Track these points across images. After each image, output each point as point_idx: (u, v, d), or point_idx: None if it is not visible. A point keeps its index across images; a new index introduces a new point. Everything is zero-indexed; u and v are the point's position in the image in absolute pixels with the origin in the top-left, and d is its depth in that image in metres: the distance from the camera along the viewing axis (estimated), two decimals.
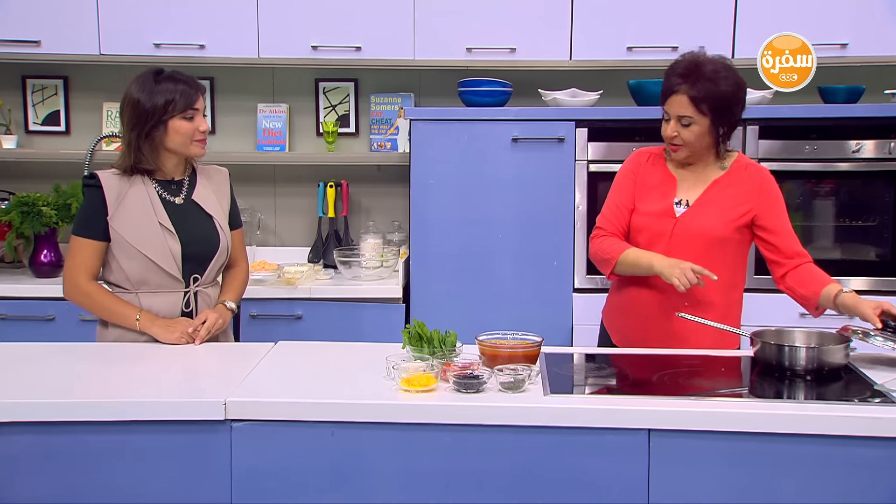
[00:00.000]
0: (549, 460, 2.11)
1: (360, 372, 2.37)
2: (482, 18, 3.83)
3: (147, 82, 2.63)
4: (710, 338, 2.70)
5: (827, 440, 2.05)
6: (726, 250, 2.73)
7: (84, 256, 2.66)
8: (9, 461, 2.13)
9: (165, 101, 2.60)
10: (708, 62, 2.63)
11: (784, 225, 2.74)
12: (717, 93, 2.59)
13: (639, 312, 2.80)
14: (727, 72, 2.62)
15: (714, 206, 2.73)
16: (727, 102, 2.61)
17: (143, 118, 2.61)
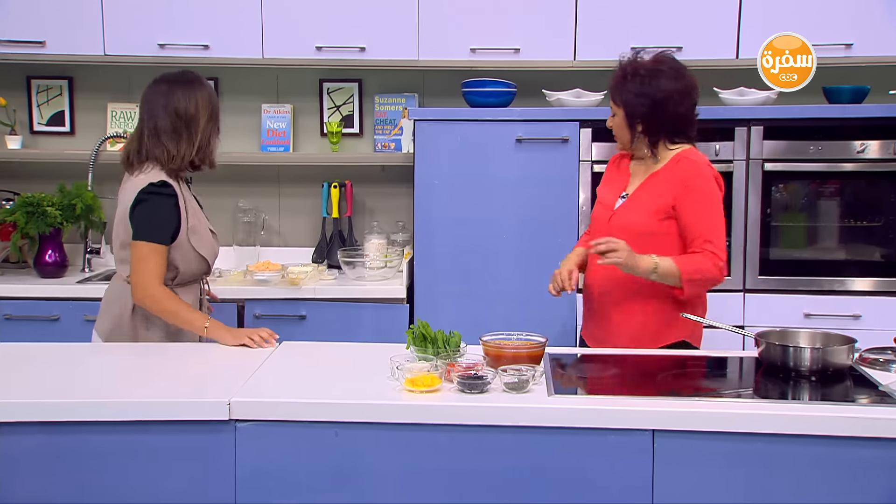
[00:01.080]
0: (554, 461, 2.11)
1: (364, 372, 2.37)
2: (486, 19, 3.82)
3: (202, 79, 2.79)
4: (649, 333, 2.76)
5: (832, 441, 2.05)
6: (655, 243, 2.72)
7: (157, 262, 2.69)
8: (13, 461, 2.13)
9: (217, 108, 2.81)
10: (645, 62, 2.77)
11: (693, 215, 2.72)
12: (626, 88, 2.75)
13: (587, 306, 2.96)
14: (650, 74, 2.73)
15: (643, 199, 2.79)
16: (635, 98, 2.73)
17: (216, 119, 2.79)
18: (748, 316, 3.65)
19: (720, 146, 3.63)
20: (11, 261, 3.99)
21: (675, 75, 2.76)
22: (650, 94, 2.73)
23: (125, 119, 4.22)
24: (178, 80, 2.77)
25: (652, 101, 2.73)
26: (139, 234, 2.70)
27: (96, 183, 4.04)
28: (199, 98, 2.74)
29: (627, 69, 2.78)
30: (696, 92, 2.82)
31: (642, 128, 2.78)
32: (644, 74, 2.74)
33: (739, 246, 3.66)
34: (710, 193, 2.75)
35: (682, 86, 2.76)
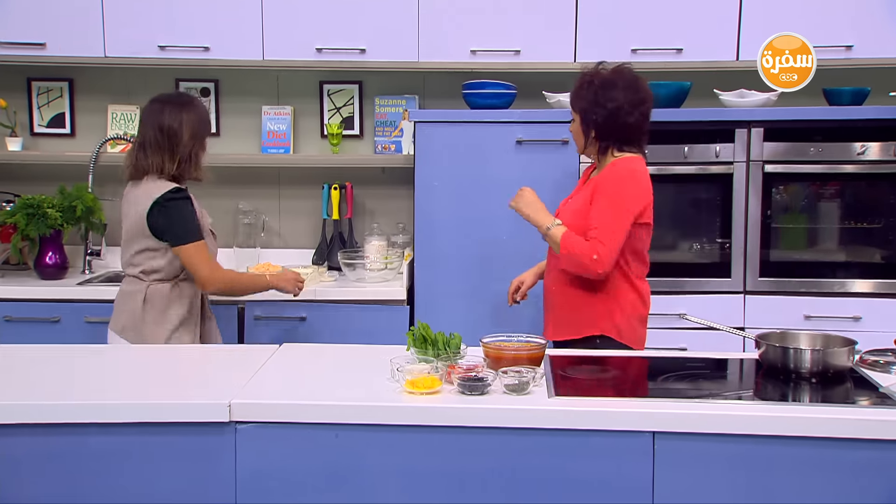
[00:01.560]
0: (554, 463, 2.11)
1: (364, 374, 2.37)
2: (486, 20, 3.83)
3: (195, 102, 3.06)
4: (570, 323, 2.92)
5: (832, 443, 2.05)
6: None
7: (206, 254, 2.96)
8: (14, 462, 2.13)
9: (209, 119, 3.13)
10: (603, 73, 2.92)
11: (595, 210, 2.83)
12: (582, 97, 2.93)
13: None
14: (604, 85, 2.88)
15: (575, 203, 2.98)
16: (589, 106, 2.89)
17: (205, 132, 3.05)
18: (748, 318, 3.65)
19: (720, 148, 3.64)
20: (12, 262, 3.99)
21: (629, 87, 2.89)
22: (603, 103, 2.87)
23: (125, 121, 4.22)
24: (170, 100, 3.04)
25: (605, 111, 2.88)
26: (180, 239, 2.91)
27: (97, 184, 4.04)
28: (185, 117, 2.97)
29: (585, 79, 2.94)
30: (648, 104, 2.94)
31: (595, 134, 2.93)
32: (599, 85, 2.89)
33: (740, 247, 3.66)
34: (617, 194, 2.83)
35: (635, 97, 2.89)
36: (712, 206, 3.72)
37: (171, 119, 2.96)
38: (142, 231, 2.93)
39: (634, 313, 2.92)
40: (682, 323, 2.87)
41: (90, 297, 3.63)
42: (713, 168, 3.66)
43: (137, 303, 2.94)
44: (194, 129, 2.99)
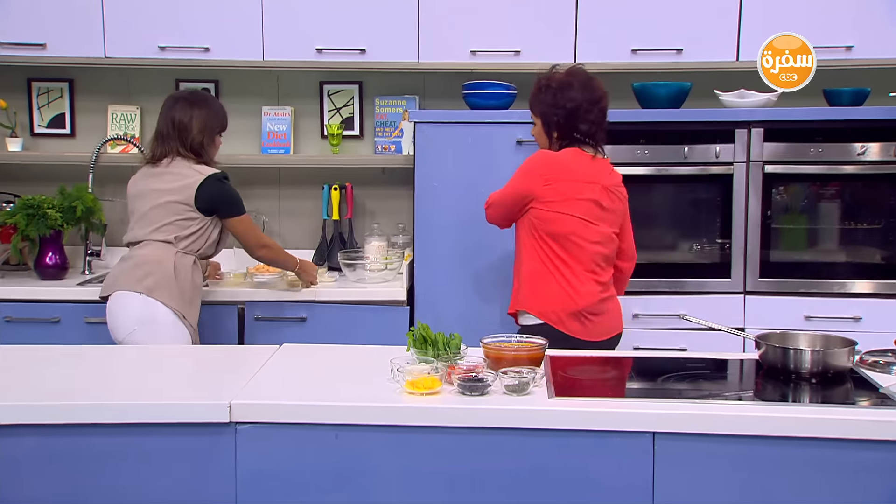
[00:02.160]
0: (554, 463, 2.11)
1: (364, 374, 2.37)
2: (486, 21, 3.83)
3: (214, 99, 3.45)
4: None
5: (832, 443, 2.05)
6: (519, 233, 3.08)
7: (255, 225, 3.39)
8: (14, 463, 2.13)
9: (224, 117, 3.37)
10: (557, 76, 3.06)
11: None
12: (540, 100, 3.05)
13: None
14: (560, 87, 3.02)
15: None
16: (546, 109, 3.03)
17: (216, 126, 3.32)
18: (748, 318, 3.65)
19: (720, 148, 3.64)
20: (12, 263, 3.99)
21: (585, 86, 3.02)
22: (562, 104, 2.99)
23: (126, 121, 4.22)
24: (183, 96, 3.33)
25: (565, 111, 2.99)
26: (235, 211, 3.28)
27: (97, 185, 4.04)
28: (195, 113, 3.25)
29: (542, 83, 3.06)
30: (605, 101, 3.05)
31: (557, 135, 3.05)
32: (556, 87, 3.01)
33: (740, 248, 3.66)
34: (511, 180, 3.07)
35: (592, 96, 3.01)
36: (712, 206, 3.72)
37: (182, 114, 3.25)
38: (184, 202, 3.18)
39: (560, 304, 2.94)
40: (682, 323, 2.87)
41: (90, 297, 3.62)
42: (713, 168, 3.66)
43: (168, 267, 3.14)
44: (203, 124, 3.26)
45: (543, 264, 2.97)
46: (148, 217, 3.21)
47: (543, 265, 2.97)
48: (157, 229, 3.19)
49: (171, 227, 3.19)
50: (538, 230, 2.97)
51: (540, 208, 2.96)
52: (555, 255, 2.96)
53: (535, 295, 2.98)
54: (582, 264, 2.96)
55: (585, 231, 2.96)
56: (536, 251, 2.98)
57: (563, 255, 2.96)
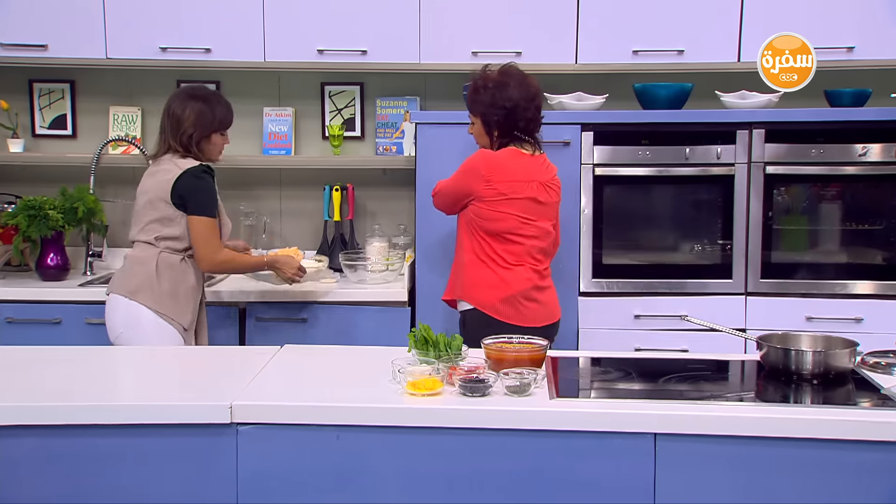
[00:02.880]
0: (555, 464, 2.11)
1: (365, 375, 2.37)
2: (488, 22, 3.83)
3: (211, 97, 3.23)
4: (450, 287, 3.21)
5: (834, 444, 2.05)
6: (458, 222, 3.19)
7: (216, 233, 3.14)
8: (15, 464, 2.13)
9: (222, 118, 3.22)
10: (493, 75, 3.12)
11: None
12: (479, 100, 3.10)
13: None
14: (497, 86, 3.07)
15: None
16: (485, 108, 3.08)
17: (206, 126, 3.17)
18: (749, 319, 3.65)
19: (721, 149, 3.63)
20: (13, 264, 4.00)
21: (521, 84, 3.08)
22: (501, 103, 3.05)
23: (127, 122, 4.22)
24: (184, 90, 3.27)
25: (504, 110, 3.06)
26: (197, 210, 3.09)
27: (98, 186, 4.04)
28: (190, 106, 3.16)
29: (479, 83, 3.12)
30: (540, 98, 3.14)
31: (497, 133, 3.11)
32: (494, 87, 3.07)
33: (741, 249, 3.66)
34: (456, 173, 3.14)
35: (527, 94, 3.08)
36: (713, 207, 3.72)
37: (178, 107, 3.17)
38: (163, 198, 3.09)
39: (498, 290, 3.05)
40: (683, 324, 2.87)
41: (91, 298, 3.63)
42: (714, 169, 3.66)
43: (150, 268, 3.07)
44: (196, 118, 3.16)
45: (479, 257, 3.08)
46: (138, 216, 3.18)
47: (479, 258, 3.09)
48: (142, 229, 3.15)
49: (154, 225, 3.12)
50: (475, 226, 3.08)
51: (479, 206, 3.06)
52: (491, 249, 3.07)
53: (472, 285, 3.09)
54: (517, 256, 3.08)
55: (523, 227, 3.06)
56: (473, 245, 3.10)
57: (498, 250, 3.07)
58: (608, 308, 3.67)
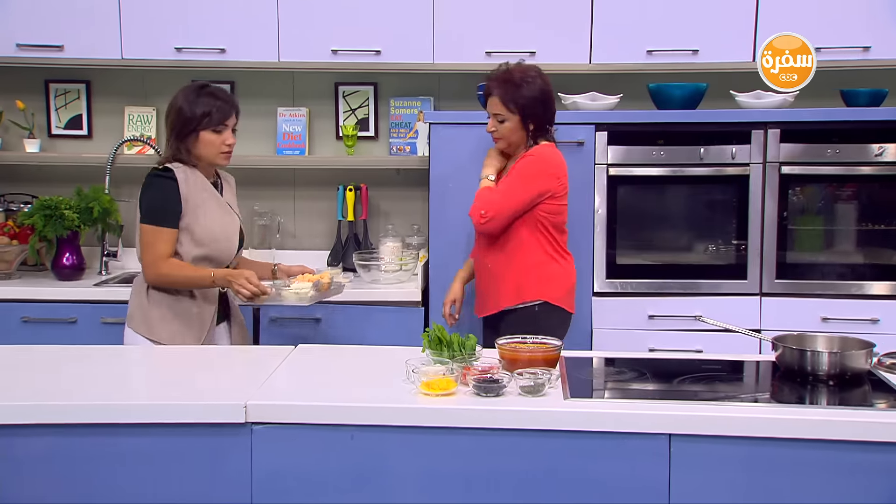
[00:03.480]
0: (569, 464, 2.10)
1: (379, 375, 2.38)
2: (501, 22, 3.82)
3: (191, 94, 2.94)
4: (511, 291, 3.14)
5: (850, 446, 2.04)
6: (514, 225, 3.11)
7: (162, 243, 2.87)
8: (30, 463, 2.15)
9: (202, 114, 2.91)
10: (517, 71, 3.14)
11: (504, 181, 3.16)
12: (521, 94, 3.09)
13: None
14: (532, 79, 3.11)
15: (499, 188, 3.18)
16: (531, 102, 3.10)
17: (183, 124, 2.92)
18: (765, 320, 3.63)
19: (736, 149, 3.62)
20: (29, 263, 4.02)
21: (541, 76, 3.15)
22: (537, 96, 3.11)
23: (142, 122, 4.24)
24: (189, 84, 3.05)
25: (541, 102, 3.12)
26: (144, 217, 2.91)
27: (113, 186, 4.06)
28: (172, 104, 2.97)
29: (518, 76, 3.11)
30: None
31: (534, 127, 3.14)
32: (529, 80, 3.11)
33: (756, 249, 3.64)
34: (521, 174, 3.11)
35: (549, 86, 3.17)
36: (728, 207, 3.71)
37: (172, 100, 2.99)
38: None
39: (566, 282, 3.19)
40: (697, 325, 2.86)
41: (107, 297, 3.65)
42: (729, 169, 3.65)
43: (141, 293, 2.94)
44: (177, 116, 2.93)
45: (549, 253, 3.15)
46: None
47: (549, 254, 3.15)
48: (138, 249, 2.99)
49: (139, 244, 2.96)
50: (546, 223, 3.13)
51: (551, 203, 3.12)
52: (556, 242, 3.16)
53: (546, 280, 3.13)
54: (565, 246, 3.23)
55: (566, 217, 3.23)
56: (542, 242, 3.14)
57: (560, 242, 3.19)
58: (622, 308, 3.66)
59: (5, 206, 4.12)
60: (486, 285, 3.24)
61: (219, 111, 2.92)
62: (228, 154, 2.99)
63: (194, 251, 2.91)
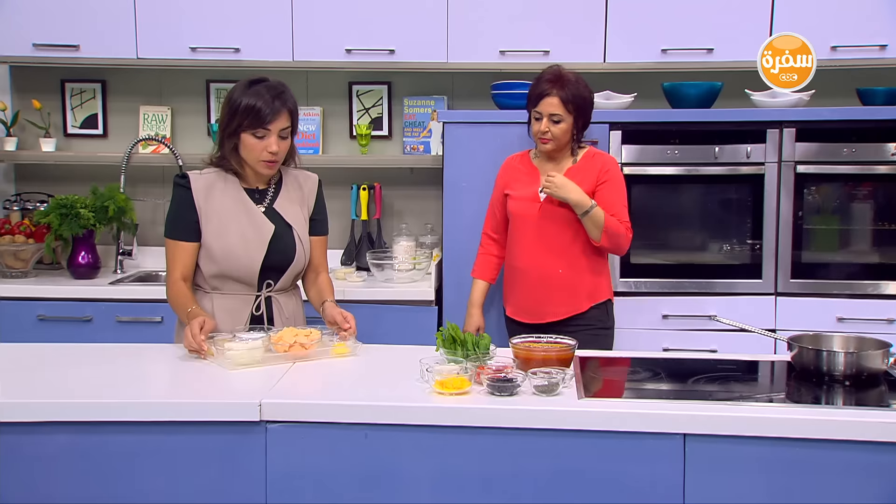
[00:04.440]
0: (583, 464, 2.10)
1: (393, 374, 2.38)
2: (515, 21, 3.82)
3: (244, 85, 2.63)
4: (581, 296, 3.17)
5: (866, 446, 2.03)
6: (581, 227, 3.12)
7: (172, 257, 2.68)
8: (46, 460, 2.16)
9: (244, 111, 2.58)
10: (569, 73, 3.17)
11: (612, 198, 3.14)
12: (579, 95, 3.13)
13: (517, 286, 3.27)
14: (583, 81, 3.18)
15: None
16: (585, 103, 3.16)
17: (229, 121, 2.63)
18: (780, 320, 3.62)
19: (751, 148, 3.61)
20: (45, 262, 4.04)
21: (587, 85, 3.20)
22: (588, 97, 3.18)
23: (157, 122, 4.26)
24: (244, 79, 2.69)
25: (591, 104, 3.21)
26: (165, 228, 2.74)
27: (128, 185, 4.08)
28: (228, 95, 2.66)
29: (570, 77, 3.15)
30: None
31: (581, 125, 3.19)
32: (581, 81, 3.16)
33: (771, 249, 3.63)
34: (623, 182, 3.22)
35: (592, 92, 3.23)
36: (743, 206, 3.69)
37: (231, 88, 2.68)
38: None
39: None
40: (712, 324, 2.85)
41: (122, 296, 3.67)
42: (744, 169, 3.63)
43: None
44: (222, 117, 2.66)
45: (603, 252, 3.20)
46: None
47: (604, 253, 3.22)
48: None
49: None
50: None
51: None
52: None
53: (608, 279, 3.27)
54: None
55: None
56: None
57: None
58: (636, 308, 3.65)
59: (21, 205, 4.15)
60: (548, 293, 3.17)
61: (260, 112, 2.57)
62: (271, 163, 2.65)
63: (209, 267, 2.69)
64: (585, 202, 3.06)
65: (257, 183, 2.75)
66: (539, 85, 3.16)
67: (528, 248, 3.20)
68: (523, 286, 3.23)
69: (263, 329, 2.64)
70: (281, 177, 2.80)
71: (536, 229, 3.18)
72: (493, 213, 3.39)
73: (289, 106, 2.64)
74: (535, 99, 3.16)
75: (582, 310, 3.16)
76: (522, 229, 3.22)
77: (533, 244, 3.19)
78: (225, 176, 2.72)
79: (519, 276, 3.25)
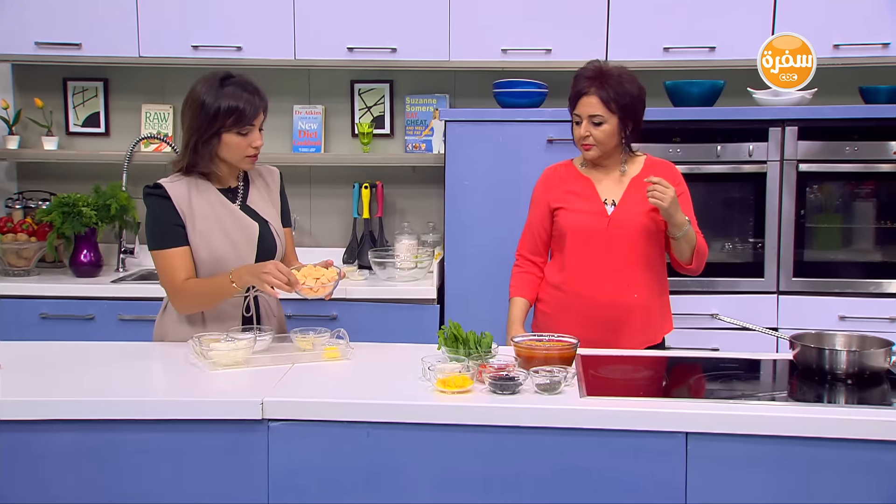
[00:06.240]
0: (585, 462, 2.10)
1: (395, 373, 2.38)
2: (517, 19, 3.82)
3: (214, 85, 2.58)
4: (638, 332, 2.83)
5: (868, 445, 2.02)
6: (658, 241, 2.86)
7: (168, 266, 2.61)
8: (49, 458, 2.16)
9: (225, 112, 2.55)
10: (612, 68, 2.81)
11: (691, 215, 2.85)
12: (624, 92, 2.76)
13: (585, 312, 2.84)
14: (629, 76, 2.80)
15: (640, 202, 2.80)
16: (632, 101, 2.78)
17: (203, 124, 2.57)
18: (782, 318, 3.62)
19: (754, 147, 3.60)
20: (48, 260, 4.05)
21: (637, 80, 2.84)
22: (637, 94, 2.81)
23: (159, 120, 4.26)
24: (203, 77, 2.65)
25: (641, 102, 2.83)
26: (149, 244, 2.66)
27: (130, 183, 4.08)
28: (189, 97, 2.62)
29: (613, 72, 2.80)
30: None
31: (632, 128, 2.84)
32: (627, 76, 2.80)
33: (773, 247, 3.63)
34: (688, 194, 2.90)
35: (642, 88, 2.86)
36: (745, 205, 3.69)
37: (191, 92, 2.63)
38: None
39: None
40: (714, 323, 2.85)
41: (124, 294, 3.67)
42: (746, 167, 3.63)
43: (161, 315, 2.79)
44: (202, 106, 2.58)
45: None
46: None
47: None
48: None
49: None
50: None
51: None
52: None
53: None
54: None
55: None
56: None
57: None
58: None
59: (24, 204, 4.16)
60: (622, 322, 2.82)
61: (242, 112, 2.56)
62: (254, 158, 2.67)
63: (199, 271, 2.65)
64: (683, 221, 2.74)
65: (229, 182, 2.73)
66: (577, 83, 2.82)
67: (594, 269, 2.82)
68: (588, 315, 2.82)
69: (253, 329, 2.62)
70: (245, 172, 2.78)
71: (605, 247, 2.80)
72: (533, 235, 2.99)
73: (265, 100, 2.66)
74: (574, 99, 2.82)
75: (657, 341, 2.86)
76: (584, 248, 2.83)
77: (601, 265, 2.81)
78: (196, 181, 2.67)
79: (582, 304, 2.83)
